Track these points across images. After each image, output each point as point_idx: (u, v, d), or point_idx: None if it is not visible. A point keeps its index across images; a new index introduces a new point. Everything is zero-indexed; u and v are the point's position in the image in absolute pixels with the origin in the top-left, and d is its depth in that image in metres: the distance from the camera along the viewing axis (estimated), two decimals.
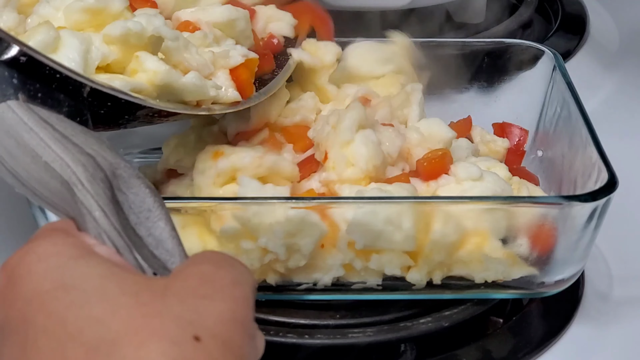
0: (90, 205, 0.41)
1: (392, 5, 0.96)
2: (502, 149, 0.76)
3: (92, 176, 0.42)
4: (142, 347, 0.34)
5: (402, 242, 0.62)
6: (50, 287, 0.36)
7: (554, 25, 1.11)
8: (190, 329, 0.35)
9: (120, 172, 0.43)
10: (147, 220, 0.43)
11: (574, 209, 0.61)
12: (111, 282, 0.37)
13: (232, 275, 0.39)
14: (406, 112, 0.71)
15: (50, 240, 0.39)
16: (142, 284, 0.37)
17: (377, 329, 0.65)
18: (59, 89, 0.49)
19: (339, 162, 0.65)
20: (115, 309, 0.35)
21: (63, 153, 0.43)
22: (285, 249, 0.61)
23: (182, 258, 0.42)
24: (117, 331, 0.34)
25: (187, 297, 0.37)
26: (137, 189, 0.43)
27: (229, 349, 0.36)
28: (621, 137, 0.86)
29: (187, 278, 0.38)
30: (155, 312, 0.35)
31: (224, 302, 0.37)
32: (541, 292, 0.66)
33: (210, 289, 0.38)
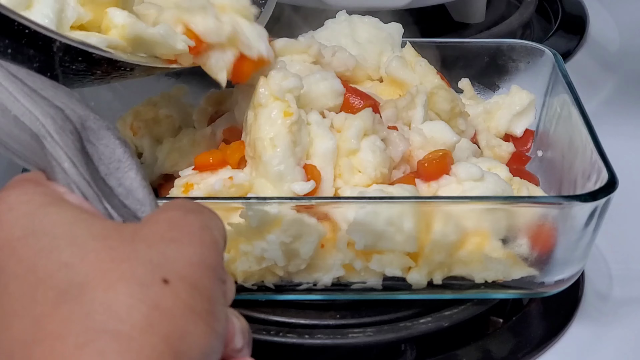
0: (59, 156, 0.41)
1: (392, 5, 0.96)
2: (506, 154, 0.76)
3: (61, 128, 0.42)
4: (110, 290, 0.34)
5: (404, 243, 0.62)
6: (21, 234, 0.37)
7: (554, 25, 1.11)
8: (159, 272, 0.36)
9: (90, 123, 0.43)
10: (117, 171, 0.43)
11: (574, 209, 0.61)
12: (80, 227, 0.37)
13: (200, 220, 0.39)
14: (411, 114, 0.71)
15: (21, 189, 0.39)
16: (110, 229, 0.38)
17: (377, 329, 0.65)
18: (28, 44, 0.49)
19: (345, 170, 0.65)
20: (84, 253, 0.36)
21: (32, 106, 0.43)
22: (284, 256, 0.61)
23: (152, 207, 0.43)
24: (86, 274, 0.35)
25: (156, 241, 0.37)
26: (107, 140, 0.43)
27: (198, 291, 0.36)
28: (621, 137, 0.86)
29: (156, 223, 0.38)
30: (123, 256, 0.36)
31: (192, 246, 0.38)
32: (541, 292, 0.66)
33: (179, 233, 0.38)
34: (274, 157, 0.63)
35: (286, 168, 0.63)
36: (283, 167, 0.63)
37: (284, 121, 0.63)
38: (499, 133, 0.78)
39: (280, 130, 0.63)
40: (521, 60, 0.81)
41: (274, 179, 0.63)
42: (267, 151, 0.63)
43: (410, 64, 0.77)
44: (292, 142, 0.63)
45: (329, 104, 0.68)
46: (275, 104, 0.64)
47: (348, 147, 0.65)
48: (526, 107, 0.78)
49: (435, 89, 0.74)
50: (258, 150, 0.64)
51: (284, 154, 0.63)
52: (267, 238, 0.61)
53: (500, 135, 0.78)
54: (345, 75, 0.75)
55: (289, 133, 0.63)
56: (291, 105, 0.64)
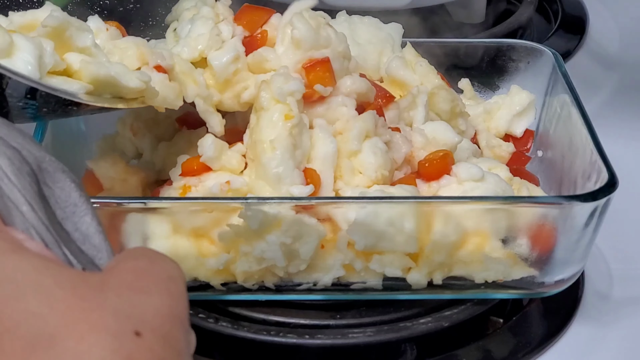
0: (16, 199, 0.40)
1: (392, 5, 0.96)
2: (507, 154, 0.76)
3: (18, 170, 0.41)
4: (83, 341, 0.34)
5: (404, 244, 0.62)
6: None
7: (554, 25, 1.11)
8: (130, 323, 0.35)
9: (46, 165, 0.43)
10: (73, 215, 0.42)
11: (574, 209, 0.61)
12: (46, 275, 0.36)
13: (166, 270, 0.39)
14: (412, 114, 0.71)
15: None
16: (77, 278, 0.37)
17: (377, 329, 0.65)
18: None
19: (346, 171, 0.65)
20: (52, 302, 0.35)
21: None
22: (284, 256, 0.61)
23: (109, 254, 0.42)
24: (56, 325, 0.34)
25: (124, 291, 0.36)
26: (62, 183, 0.43)
27: (169, 343, 0.36)
28: (621, 137, 0.86)
29: (123, 273, 0.38)
30: (93, 305, 0.35)
31: (161, 297, 0.37)
32: (541, 292, 0.66)
33: (147, 283, 0.37)
34: (273, 159, 0.63)
35: (285, 170, 0.63)
36: (281, 170, 0.63)
37: (285, 124, 0.63)
38: (499, 133, 0.79)
39: (280, 133, 0.63)
40: (521, 60, 0.81)
41: (272, 181, 0.63)
42: (266, 153, 0.63)
43: (410, 64, 0.77)
44: (292, 145, 0.63)
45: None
46: (277, 107, 0.64)
47: (349, 148, 0.65)
48: (526, 107, 0.78)
49: (435, 89, 0.74)
50: (258, 152, 0.64)
51: (282, 156, 0.63)
52: (267, 239, 0.61)
53: (500, 136, 0.79)
54: None
55: (289, 136, 0.63)
56: (292, 109, 0.64)
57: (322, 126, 0.66)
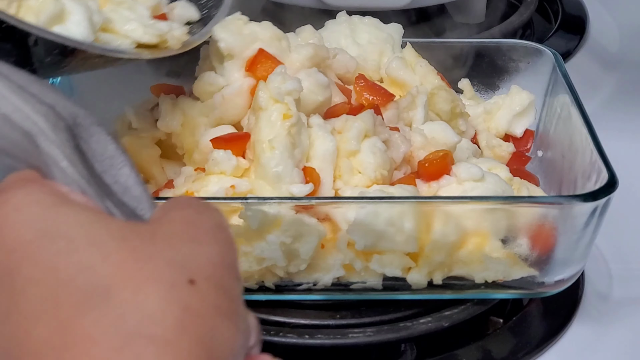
0: (56, 155, 0.40)
1: (392, 5, 0.96)
2: (507, 154, 0.76)
3: (54, 126, 0.41)
4: (140, 292, 0.34)
5: (404, 243, 0.62)
6: (33, 237, 0.36)
7: (554, 25, 1.11)
8: (184, 272, 0.35)
9: (80, 120, 0.42)
10: (111, 168, 0.42)
11: (574, 209, 0.61)
12: (97, 228, 0.36)
13: (214, 219, 0.39)
14: (411, 115, 0.71)
15: (25, 189, 0.38)
16: (128, 229, 0.37)
17: (377, 329, 0.65)
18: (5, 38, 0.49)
19: (345, 171, 0.65)
20: (105, 254, 0.35)
21: (22, 104, 0.42)
22: (284, 256, 0.61)
23: (150, 204, 0.42)
24: (111, 277, 0.34)
25: (176, 241, 0.36)
26: (98, 136, 0.42)
27: (222, 290, 0.36)
28: (621, 137, 0.86)
29: (173, 222, 0.38)
30: (146, 256, 0.35)
31: (211, 246, 0.37)
32: (541, 292, 0.66)
33: (196, 232, 0.37)
34: (272, 159, 0.63)
35: (284, 170, 0.63)
36: (281, 169, 0.63)
37: (283, 123, 0.64)
38: (499, 133, 0.79)
39: (279, 133, 0.63)
40: (521, 60, 0.81)
41: (272, 180, 0.63)
42: (265, 153, 0.63)
43: (410, 65, 0.77)
44: (291, 144, 0.63)
45: (319, 99, 0.68)
46: (275, 107, 0.64)
47: (348, 148, 0.65)
48: (526, 107, 0.78)
49: (435, 89, 0.74)
50: (257, 152, 0.64)
51: (281, 155, 0.63)
52: (267, 238, 0.61)
53: (500, 136, 0.79)
54: (346, 77, 0.75)
55: (288, 135, 0.63)
56: (290, 108, 0.64)
57: (320, 125, 0.66)
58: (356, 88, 0.72)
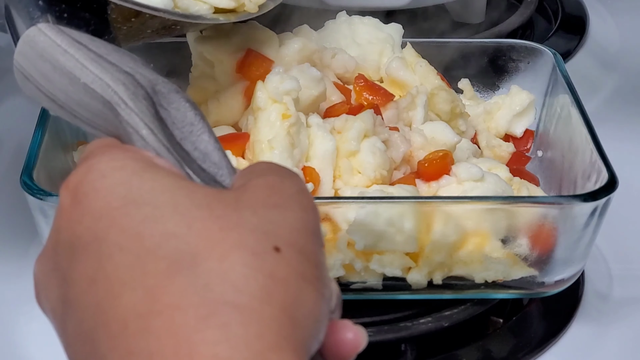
0: (136, 123, 0.40)
1: (392, 5, 0.96)
2: (507, 154, 0.76)
3: (133, 94, 0.41)
4: (225, 260, 0.34)
5: (404, 243, 0.62)
6: (120, 204, 0.36)
7: (554, 25, 1.11)
8: (269, 240, 0.35)
9: (159, 87, 0.43)
10: (190, 135, 0.42)
11: (574, 209, 0.61)
12: (181, 195, 0.36)
13: (297, 184, 0.39)
14: (411, 115, 0.71)
15: (110, 155, 0.38)
16: (212, 196, 0.36)
17: (377, 329, 0.65)
18: (83, 7, 0.49)
19: (344, 171, 0.65)
20: (190, 222, 0.35)
21: (102, 73, 0.42)
22: None
23: (229, 170, 0.42)
24: (196, 245, 0.34)
25: (260, 208, 0.36)
26: (177, 103, 0.43)
27: (306, 257, 0.35)
28: (621, 137, 0.86)
29: (256, 189, 0.37)
30: (231, 224, 0.35)
31: (295, 211, 0.37)
32: (541, 292, 0.66)
33: (280, 198, 0.37)
34: (271, 159, 0.63)
35: None
36: None
37: (282, 123, 0.64)
38: (499, 133, 0.79)
39: (278, 133, 0.63)
40: (521, 60, 0.81)
41: None
42: (264, 153, 0.63)
43: (410, 65, 0.77)
44: (290, 144, 0.63)
45: (313, 94, 0.68)
46: (274, 107, 0.64)
47: (348, 148, 0.65)
48: (526, 107, 0.78)
49: (435, 89, 0.74)
50: (256, 152, 0.64)
51: (281, 155, 0.63)
52: None
53: (500, 136, 0.79)
54: (346, 77, 0.75)
55: (287, 135, 0.63)
56: (289, 108, 0.64)
57: (319, 124, 0.66)
58: (356, 88, 0.72)
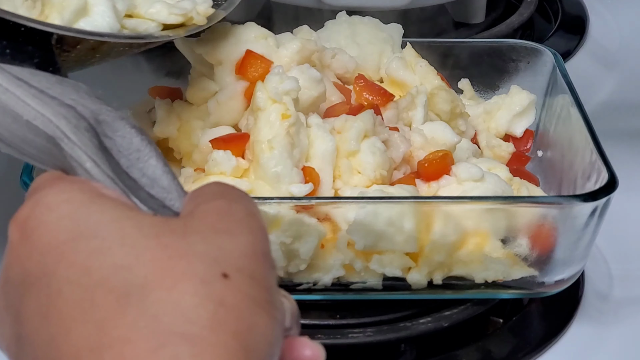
0: (79, 157, 0.40)
1: (392, 5, 0.96)
2: (506, 154, 0.76)
3: (75, 127, 0.41)
4: (174, 290, 0.33)
5: (404, 243, 0.62)
6: (67, 237, 0.36)
7: (554, 25, 1.11)
8: (217, 266, 0.35)
9: (103, 117, 0.42)
10: (138, 161, 0.42)
11: (574, 209, 0.61)
12: (128, 226, 0.36)
13: (246, 207, 0.38)
14: (411, 115, 0.71)
15: (57, 188, 0.38)
16: (159, 225, 0.36)
17: (377, 329, 0.65)
18: (26, 41, 0.49)
19: (344, 171, 0.65)
20: (138, 253, 0.35)
21: (43, 108, 0.42)
22: (284, 256, 0.61)
23: (179, 193, 0.42)
24: (145, 276, 0.34)
25: (208, 234, 0.36)
26: (122, 131, 0.42)
27: (256, 281, 0.35)
28: (621, 137, 0.86)
29: (204, 215, 0.37)
30: (179, 253, 0.35)
31: (244, 235, 0.37)
32: (541, 292, 0.66)
33: (229, 223, 0.37)
34: (271, 159, 0.63)
35: (283, 170, 0.63)
36: (280, 169, 0.63)
37: (282, 123, 0.64)
38: (499, 133, 0.79)
39: (278, 133, 0.63)
40: (521, 60, 0.80)
41: (271, 180, 0.63)
42: (264, 153, 0.63)
43: (410, 65, 0.77)
44: (290, 144, 0.63)
45: (313, 94, 0.68)
46: (274, 107, 0.64)
47: (348, 148, 0.65)
48: (526, 107, 0.78)
49: (435, 89, 0.74)
50: (256, 152, 0.64)
51: (280, 155, 0.63)
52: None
53: (500, 136, 0.79)
54: (345, 77, 0.76)
55: (287, 135, 0.63)
56: (289, 108, 0.64)
57: (319, 124, 0.66)
58: (356, 88, 0.72)
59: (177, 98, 0.73)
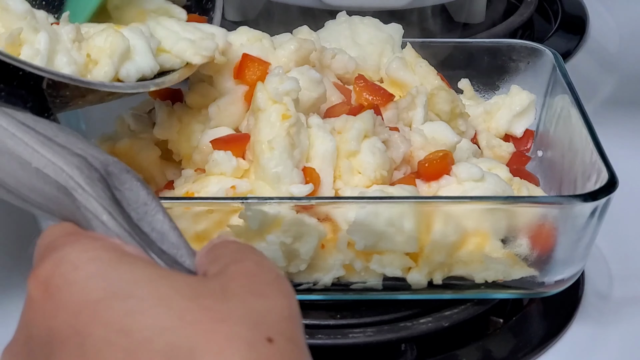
0: (95, 209, 0.40)
1: (392, 5, 0.96)
2: (507, 154, 0.76)
3: (89, 178, 0.40)
4: (222, 354, 0.33)
5: (404, 244, 0.62)
6: (99, 297, 0.35)
7: (554, 25, 1.11)
8: (260, 330, 0.35)
9: (111, 168, 0.42)
10: (146, 215, 0.41)
11: (574, 209, 0.61)
12: (164, 285, 0.36)
13: (273, 270, 0.39)
14: (411, 115, 0.71)
15: (79, 245, 0.37)
16: (196, 285, 0.36)
17: (377, 329, 0.65)
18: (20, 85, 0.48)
19: (345, 171, 0.65)
20: (180, 314, 0.34)
21: (54, 157, 0.41)
22: (284, 256, 0.61)
23: (187, 250, 0.41)
24: (190, 338, 0.34)
25: (245, 297, 0.36)
26: (129, 183, 0.42)
27: (296, 345, 0.36)
28: (621, 137, 0.86)
29: (236, 277, 0.37)
30: (221, 316, 0.35)
31: (278, 299, 0.37)
32: (541, 292, 0.66)
33: (262, 286, 0.37)
34: (272, 160, 0.63)
35: (284, 170, 0.63)
36: (280, 169, 0.63)
37: (282, 124, 0.64)
38: (499, 133, 0.79)
39: (278, 133, 0.63)
40: (521, 60, 0.81)
41: (271, 181, 0.63)
42: (264, 154, 0.63)
43: (410, 65, 0.77)
44: (290, 144, 0.63)
45: (313, 96, 0.68)
46: (274, 108, 0.64)
47: (348, 148, 0.65)
48: (526, 107, 0.78)
49: (435, 89, 0.74)
50: (257, 153, 0.64)
51: (281, 156, 0.63)
52: (267, 239, 0.61)
53: (500, 136, 0.79)
54: (346, 77, 0.76)
55: (287, 136, 0.63)
56: (289, 108, 0.64)
57: (319, 125, 0.66)
58: (356, 88, 0.72)
59: (177, 100, 0.73)
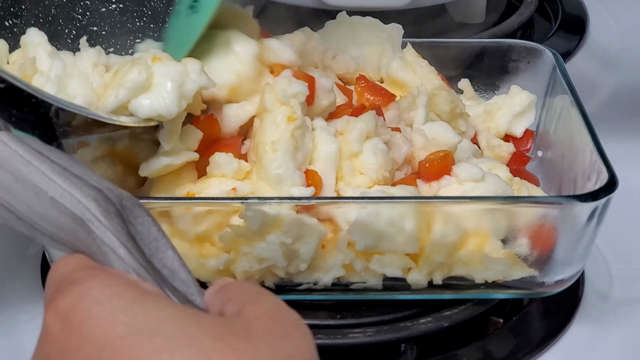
0: (112, 242, 0.39)
1: (392, 5, 0.96)
2: (507, 154, 0.76)
3: (105, 211, 0.40)
4: None
5: (404, 244, 0.62)
6: (124, 333, 0.35)
7: (554, 25, 1.11)
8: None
9: (125, 202, 0.41)
10: (157, 251, 0.41)
11: (574, 209, 0.61)
12: (191, 325, 0.36)
13: (291, 313, 0.39)
14: (412, 115, 0.71)
15: (101, 280, 0.37)
16: (221, 326, 0.36)
17: (377, 329, 0.65)
18: (30, 111, 0.48)
19: (347, 172, 0.65)
20: (208, 354, 0.35)
21: (70, 187, 0.40)
22: (285, 257, 0.61)
23: (197, 288, 0.41)
24: None
25: (269, 338, 0.37)
26: (142, 218, 0.42)
27: None
28: (621, 137, 0.86)
29: (260, 319, 0.38)
30: (248, 357, 0.35)
31: (300, 341, 0.38)
32: (541, 292, 0.66)
33: (285, 329, 0.38)
34: (274, 161, 0.63)
35: (285, 172, 0.63)
36: (282, 171, 0.63)
37: (288, 126, 0.64)
38: (499, 133, 0.79)
39: (282, 135, 0.63)
40: (521, 60, 0.81)
41: (273, 182, 0.63)
42: (267, 155, 0.63)
43: (410, 65, 0.77)
44: (294, 146, 0.63)
45: (323, 104, 0.68)
46: (281, 109, 0.64)
47: (350, 149, 0.65)
48: (526, 107, 0.78)
49: (435, 89, 0.74)
50: (259, 154, 0.64)
51: (283, 157, 0.63)
52: (267, 239, 0.61)
53: (500, 136, 0.79)
54: (346, 78, 0.76)
55: (291, 138, 0.63)
56: (296, 111, 0.64)
57: (323, 127, 0.66)
58: (357, 89, 0.72)
59: None
